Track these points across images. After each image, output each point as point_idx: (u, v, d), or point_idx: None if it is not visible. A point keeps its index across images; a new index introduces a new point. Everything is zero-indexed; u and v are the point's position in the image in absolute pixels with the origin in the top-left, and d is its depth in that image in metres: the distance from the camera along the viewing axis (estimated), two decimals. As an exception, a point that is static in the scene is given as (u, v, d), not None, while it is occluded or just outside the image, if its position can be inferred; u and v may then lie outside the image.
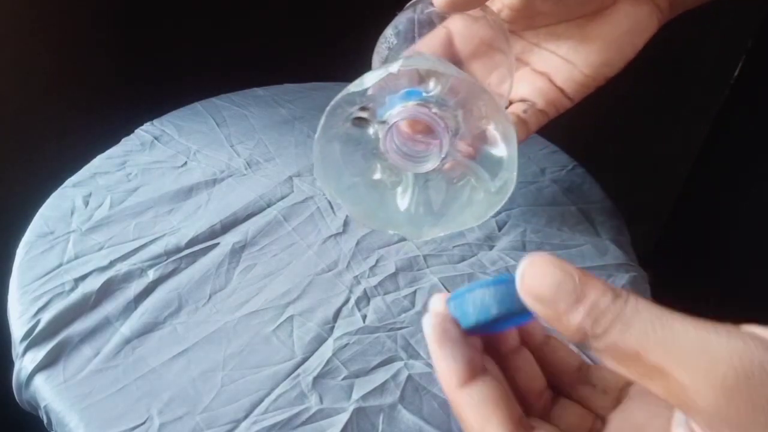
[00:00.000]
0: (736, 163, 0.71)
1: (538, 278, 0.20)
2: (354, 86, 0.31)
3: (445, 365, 0.24)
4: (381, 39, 0.39)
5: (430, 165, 0.32)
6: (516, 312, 0.22)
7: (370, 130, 0.32)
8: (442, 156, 0.31)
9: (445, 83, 0.30)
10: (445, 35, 0.37)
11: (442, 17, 0.37)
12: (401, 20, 0.38)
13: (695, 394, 0.17)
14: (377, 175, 0.35)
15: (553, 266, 0.20)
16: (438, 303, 0.25)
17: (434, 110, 0.30)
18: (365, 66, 0.39)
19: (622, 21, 0.38)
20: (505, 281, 0.22)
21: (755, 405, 0.17)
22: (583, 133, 0.81)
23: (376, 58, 0.39)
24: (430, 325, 0.25)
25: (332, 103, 0.31)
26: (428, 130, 0.31)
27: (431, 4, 0.36)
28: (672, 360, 0.18)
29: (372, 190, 0.34)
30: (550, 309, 0.20)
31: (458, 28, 0.37)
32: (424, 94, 0.30)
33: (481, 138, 0.32)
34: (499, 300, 0.22)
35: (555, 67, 0.40)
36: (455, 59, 0.36)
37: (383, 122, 0.31)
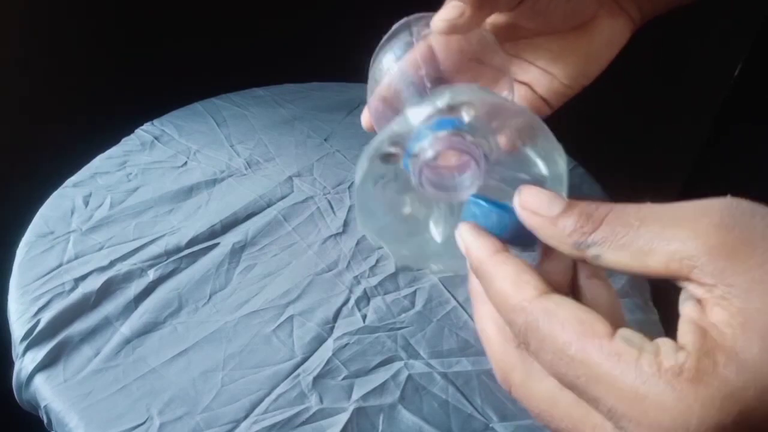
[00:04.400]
0: (736, 163, 0.72)
1: (533, 195, 0.24)
2: (398, 126, 0.28)
3: (479, 238, 0.25)
4: (375, 65, 0.37)
5: (465, 194, 0.29)
6: (519, 238, 0.25)
7: (400, 164, 0.30)
8: (479, 184, 0.29)
9: (479, 108, 0.28)
10: (427, 50, 0.37)
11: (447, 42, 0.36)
12: (398, 45, 0.36)
13: (692, 249, 0.19)
14: (407, 209, 0.32)
15: (543, 190, 0.24)
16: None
17: (469, 138, 0.28)
18: (364, 66, 0.39)
19: (600, 34, 0.40)
20: (507, 209, 0.25)
21: (749, 230, 0.19)
22: (582, 134, 0.81)
23: (372, 85, 0.37)
24: (471, 237, 0.26)
25: (374, 146, 0.28)
26: (462, 159, 0.29)
27: (427, 26, 0.35)
28: (664, 225, 0.20)
29: (405, 225, 0.32)
30: (545, 218, 0.23)
31: (440, 42, 0.37)
32: (457, 123, 0.28)
33: (520, 160, 0.30)
34: (499, 225, 0.26)
35: (535, 78, 0.41)
36: (437, 74, 0.35)
37: (415, 155, 0.28)
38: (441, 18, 0.34)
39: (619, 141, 1.09)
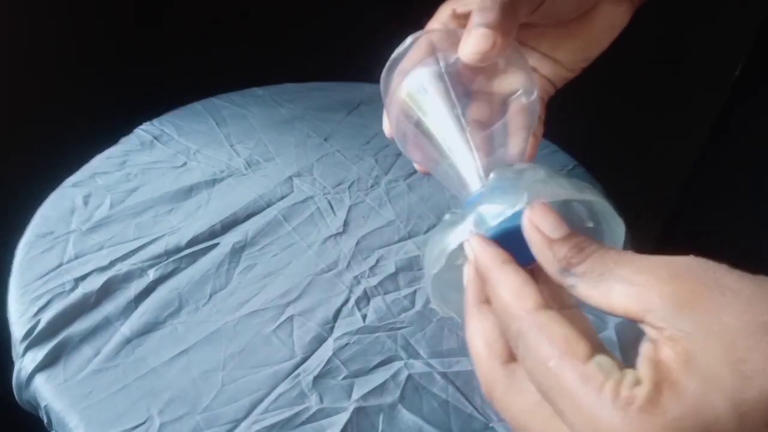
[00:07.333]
0: (737, 162, 0.71)
1: (542, 214, 0.26)
2: (476, 227, 0.28)
3: (489, 247, 0.27)
4: (391, 81, 0.36)
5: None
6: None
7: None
8: None
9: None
10: (429, 46, 0.37)
11: (472, 68, 0.35)
12: (424, 77, 0.35)
13: (649, 295, 0.22)
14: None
15: (553, 213, 0.26)
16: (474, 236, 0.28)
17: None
18: (365, 66, 0.38)
19: (602, 19, 0.40)
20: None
21: (701, 282, 0.22)
22: (583, 133, 0.81)
23: (387, 91, 0.37)
24: (480, 248, 0.28)
25: (450, 244, 0.29)
26: None
27: (452, 48, 0.34)
28: (632, 271, 0.23)
29: None
30: (545, 238, 0.26)
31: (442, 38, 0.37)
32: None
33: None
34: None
35: (538, 62, 0.42)
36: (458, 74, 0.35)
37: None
38: (472, 51, 0.33)
39: (619, 141, 1.09)
